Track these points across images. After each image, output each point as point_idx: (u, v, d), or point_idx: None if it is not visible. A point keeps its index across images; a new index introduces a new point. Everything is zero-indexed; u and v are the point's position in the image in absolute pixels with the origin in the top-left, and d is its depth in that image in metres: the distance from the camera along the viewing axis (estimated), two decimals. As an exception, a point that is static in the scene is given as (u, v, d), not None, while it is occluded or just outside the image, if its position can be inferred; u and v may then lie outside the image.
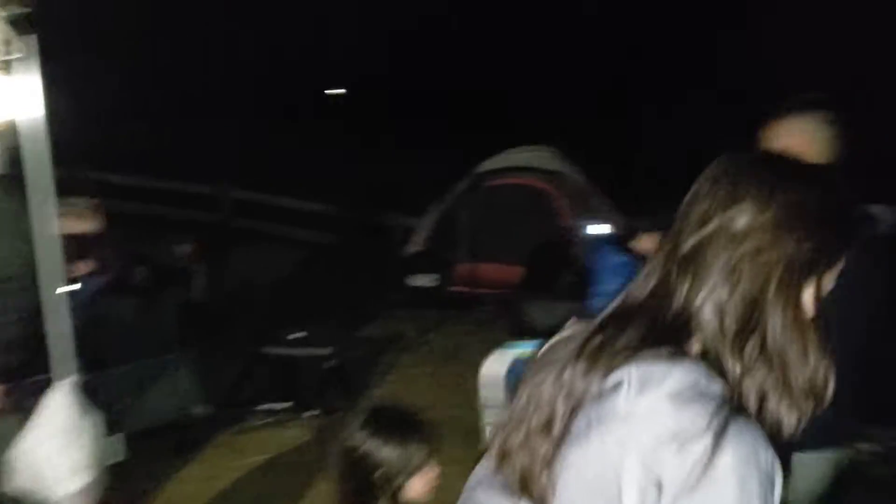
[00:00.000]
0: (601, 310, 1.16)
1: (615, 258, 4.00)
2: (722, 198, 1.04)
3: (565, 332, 1.21)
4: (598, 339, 1.06)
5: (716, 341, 1.01)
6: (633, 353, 1.00)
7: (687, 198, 1.10)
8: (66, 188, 2.91)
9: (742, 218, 1.02)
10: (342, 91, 19.06)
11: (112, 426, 3.10)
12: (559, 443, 1.05)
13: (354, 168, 13.46)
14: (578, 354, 1.06)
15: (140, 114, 14.69)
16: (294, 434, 4.89)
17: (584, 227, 8.39)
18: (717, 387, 0.96)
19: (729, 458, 0.89)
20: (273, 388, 5.12)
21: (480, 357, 4.07)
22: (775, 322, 1.00)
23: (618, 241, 4.29)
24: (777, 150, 2.72)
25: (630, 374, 0.98)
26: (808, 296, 1.03)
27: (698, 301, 1.02)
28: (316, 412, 5.01)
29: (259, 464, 4.54)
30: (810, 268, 1.02)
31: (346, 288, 8.36)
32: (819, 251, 1.02)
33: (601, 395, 1.00)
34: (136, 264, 5.30)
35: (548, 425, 1.07)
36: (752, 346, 1.00)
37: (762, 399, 0.99)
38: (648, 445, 0.93)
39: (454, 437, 3.44)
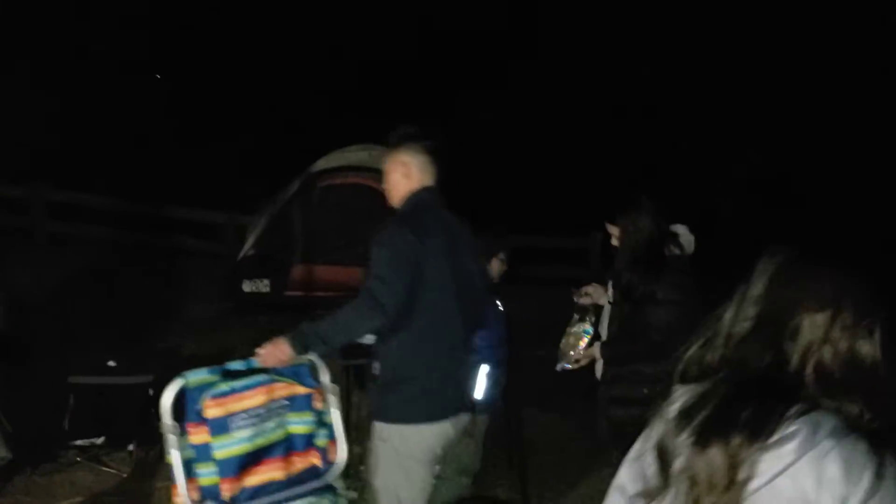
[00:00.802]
0: None
1: None
2: (804, 285, 1.42)
3: (673, 408, 1.44)
4: (748, 409, 1.34)
5: (827, 390, 1.36)
6: (785, 412, 1.32)
7: (767, 281, 1.45)
8: None
9: (823, 300, 1.39)
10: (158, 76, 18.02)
11: None
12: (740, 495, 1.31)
13: (181, 163, 12.87)
14: (733, 424, 1.33)
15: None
16: (111, 471, 4.62)
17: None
18: (842, 420, 1.32)
19: (891, 466, 1.28)
20: (87, 421, 4.78)
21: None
22: (859, 367, 1.38)
23: None
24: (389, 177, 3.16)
25: (796, 426, 1.30)
26: (872, 343, 1.40)
27: (803, 364, 1.38)
28: (134, 446, 4.72)
29: (73, 507, 4.27)
30: (871, 330, 1.39)
31: (172, 297, 7.97)
32: (871, 316, 1.40)
33: (775, 446, 1.29)
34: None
35: (726, 485, 1.32)
36: (848, 387, 1.36)
37: (865, 419, 1.35)
38: (831, 471, 1.26)
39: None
